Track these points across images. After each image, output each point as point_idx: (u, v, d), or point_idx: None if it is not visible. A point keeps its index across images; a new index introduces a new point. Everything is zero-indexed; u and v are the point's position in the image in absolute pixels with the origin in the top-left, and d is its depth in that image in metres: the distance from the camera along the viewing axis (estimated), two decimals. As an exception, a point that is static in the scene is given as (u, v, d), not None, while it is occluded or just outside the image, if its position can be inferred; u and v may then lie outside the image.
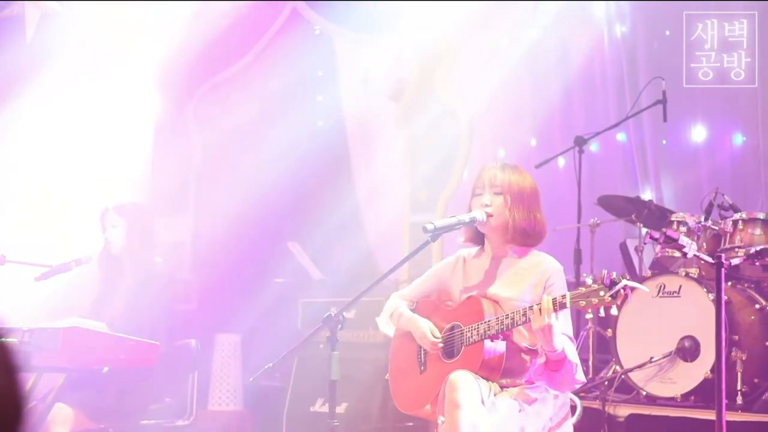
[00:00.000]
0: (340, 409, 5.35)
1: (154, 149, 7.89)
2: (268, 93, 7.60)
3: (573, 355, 3.00)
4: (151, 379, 4.12)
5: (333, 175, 7.62)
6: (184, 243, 7.53)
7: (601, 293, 2.77)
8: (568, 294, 2.86)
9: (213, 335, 6.41)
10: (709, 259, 3.13)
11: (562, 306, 2.86)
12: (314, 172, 7.67)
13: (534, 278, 3.13)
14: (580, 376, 3.05)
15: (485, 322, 3.04)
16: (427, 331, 3.21)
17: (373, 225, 7.16)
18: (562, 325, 2.97)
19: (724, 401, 3.25)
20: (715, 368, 3.31)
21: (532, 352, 3.11)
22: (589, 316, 5.08)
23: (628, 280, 2.73)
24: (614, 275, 2.77)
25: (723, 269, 3.11)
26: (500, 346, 3.06)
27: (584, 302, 2.81)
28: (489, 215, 3.14)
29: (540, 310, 2.86)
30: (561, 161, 6.40)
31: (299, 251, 6.58)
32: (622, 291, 2.72)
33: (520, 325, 2.99)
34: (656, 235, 2.82)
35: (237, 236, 7.70)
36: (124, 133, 7.69)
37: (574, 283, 5.00)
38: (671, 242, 2.92)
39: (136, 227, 4.30)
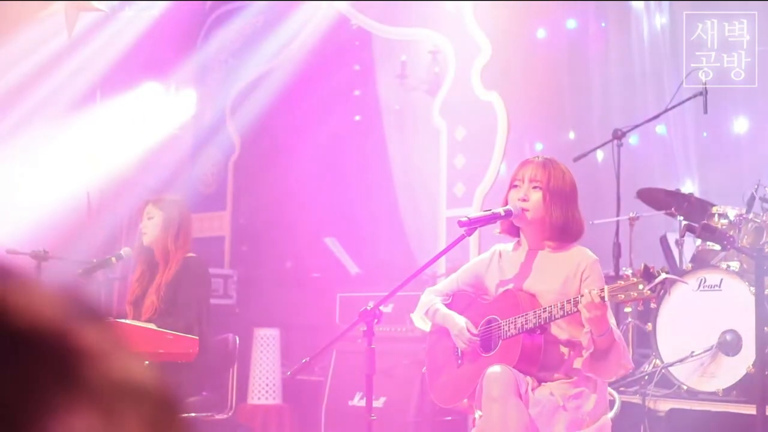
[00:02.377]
0: (378, 403, 5.36)
1: (194, 146, 7.97)
2: (306, 88, 7.63)
3: (619, 338, 2.98)
4: (190, 373, 4.15)
5: (370, 170, 7.63)
6: (223, 238, 7.59)
7: (640, 287, 2.74)
8: (606, 287, 2.84)
9: (251, 329, 6.45)
10: (750, 252, 3.09)
11: (601, 299, 2.83)
12: (352, 167, 7.69)
13: (569, 270, 3.11)
14: (628, 361, 3.03)
15: (523, 316, 3.03)
16: (463, 326, 3.20)
17: (411, 219, 7.16)
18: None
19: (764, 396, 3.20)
20: (757, 362, 3.26)
21: (571, 345, 3.09)
22: (628, 309, 5.03)
23: (668, 273, 2.70)
24: (654, 268, 2.74)
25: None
26: (538, 339, 3.05)
27: (623, 295, 2.79)
28: (525, 210, 3.12)
29: (592, 301, 2.81)
30: (600, 154, 6.34)
31: (336, 246, 6.60)
32: (660, 285, 2.69)
33: (557, 318, 2.97)
34: (693, 227, 2.78)
35: (275, 231, 7.75)
36: (164, 131, 7.77)
37: (614, 277, 4.96)
38: (708, 235, 2.88)
39: (171, 220, 4.31)
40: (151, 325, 3.98)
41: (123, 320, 3.85)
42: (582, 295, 2.86)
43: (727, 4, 5.31)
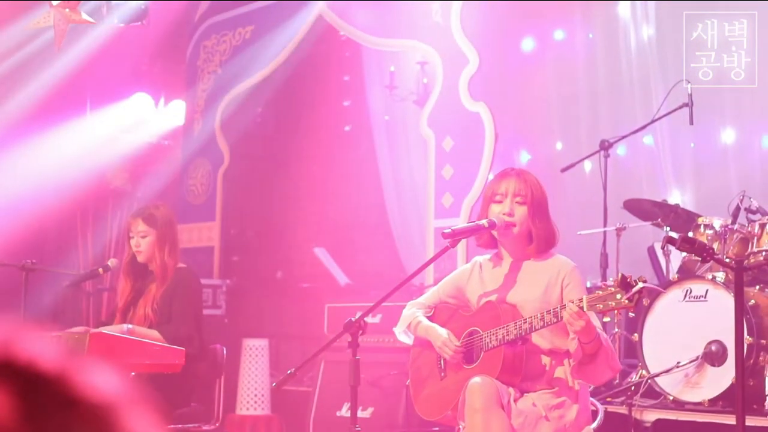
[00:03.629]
0: (366, 413, 5.36)
1: (183, 157, 7.97)
2: (295, 98, 7.64)
3: (606, 341, 3.00)
4: (177, 383, 4.16)
5: (360, 180, 7.65)
6: (212, 248, 7.60)
7: (618, 296, 2.76)
8: (585, 297, 2.85)
9: (240, 340, 6.45)
10: (728, 264, 3.10)
11: (580, 309, 2.85)
12: (341, 177, 7.70)
13: (550, 279, 3.13)
14: (617, 363, 3.06)
15: (503, 327, 3.05)
16: (446, 338, 3.21)
17: (400, 229, 7.17)
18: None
19: (743, 406, 3.22)
20: (736, 371, 3.28)
21: (553, 354, 3.10)
22: (607, 319, 5.04)
23: (646, 282, 2.71)
24: (631, 278, 2.75)
25: (743, 273, 3.07)
26: (519, 350, 3.06)
27: (601, 305, 2.80)
28: (512, 225, 3.14)
29: (575, 313, 2.83)
30: (587, 165, 6.37)
31: (326, 256, 6.61)
32: (638, 294, 2.71)
33: (538, 329, 2.98)
34: (673, 239, 2.79)
35: (264, 241, 7.76)
36: (153, 142, 7.77)
37: (600, 288, 4.96)
38: (688, 246, 2.90)
39: (165, 237, 4.34)
40: (154, 332, 4.07)
41: (108, 331, 3.86)
42: (563, 308, 2.87)
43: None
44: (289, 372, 3.30)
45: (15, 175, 6.73)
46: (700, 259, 2.82)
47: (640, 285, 2.70)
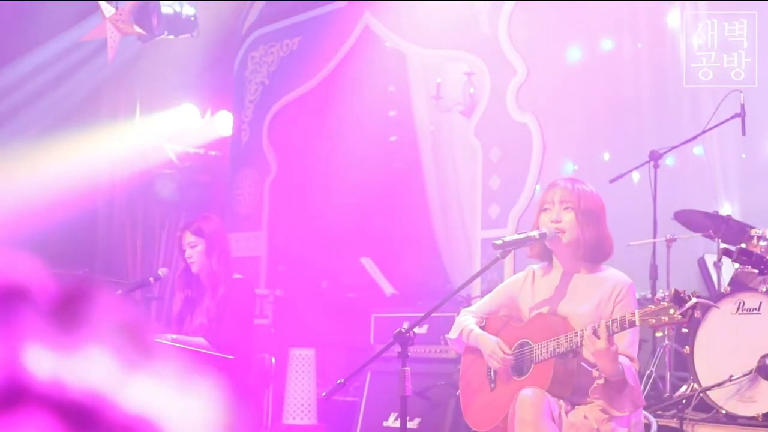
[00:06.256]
0: (413, 424, 5.35)
1: (231, 167, 8.06)
2: (341, 109, 7.68)
3: (633, 378, 2.95)
4: (226, 393, 4.19)
5: (405, 190, 7.65)
6: (259, 258, 7.65)
7: (671, 311, 2.72)
8: (637, 312, 2.82)
9: (287, 349, 6.48)
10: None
11: (632, 324, 2.82)
12: (387, 187, 7.71)
13: (604, 293, 3.10)
14: (640, 399, 3.01)
15: (555, 340, 3.02)
16: (497, 347, 3.19)
17: (445, 240, 7.16)
18: (626, 343, 2.94)
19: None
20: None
21: (603, 370, 3.07)
22: (659, 334, 4.99)
23: (699, 297, 2.68)
24: (684, 292, 2.72)
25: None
26: (570, 363, 3.04)
27: (654, 320, 2.77)
28: (560, 231, 3.12)
29: (594, 333, 2.82)
30: (636, 175, 6.30)
31: (372, 266, 6.62)
32: (692, 309, 2.67)
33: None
34: (730, 251, 2.75)
35: (310, 251, 7.80)
36: (200, 151, 7.86)
37: (650, 299, 4.91)
38: (745, 259, 2.86)
39: (214, 246, 4.40)
40: (200, 339, 4.15)
41: (161, 338, 3.91)
42: (614, 321, 2.84)
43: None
44: (338, 382, 3.30)
45: (65, 184, 6.85)
46: (757, 271, 2.77)
47: (694, 300, 2.67)
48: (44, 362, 0.49)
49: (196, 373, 0.57)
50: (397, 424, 5.30)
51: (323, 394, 3.60)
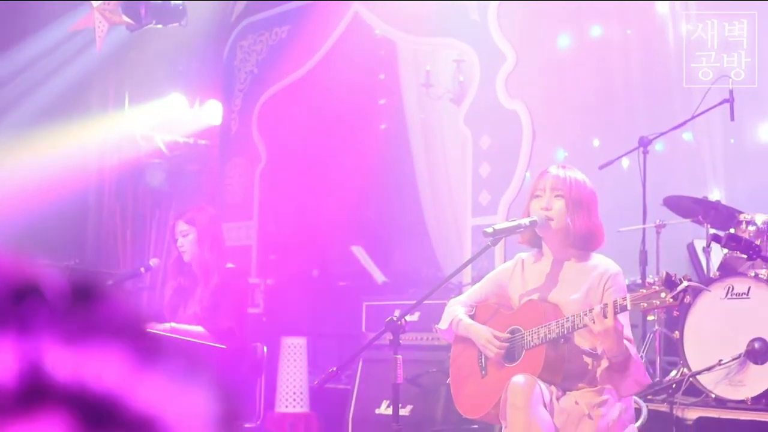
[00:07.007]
0: (405, 411, 5.37)
1: (220, 156, 8.04)
2: (331, 98, 7.67)
3: (636, 357, 2.98)
4: (223, 383, 4.20)
5: (395, 178, 7.66)
6: (250, 247, 7.65)
7: (663, 294, 2.74)
8: (628, 296, 2.84)
9: (279, 338, 6.49)
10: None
11: (623, 308, 2.84)
12: (377, 176, 7.72)
13: (593, 280, 3.12)
14: (645, 378, 3.03)
15: (546, 326, 3.04)
16: (490, 335, 3.21)
17: (436, 228, 7.18)
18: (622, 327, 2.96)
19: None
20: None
21: (594, 354, 3.09)
22: (651, 318, 5.02)
23: (690, 281, 2.70)
24: (675, 276, 2.74)
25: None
26: (561, 349, 3.05)
27: (645, 304, 2.79)
28: (549, 219, 3.13)
29: (602, 312, 2.84)
30: (625, 162, 6.32)
31: (363, 254, 6.63)
32: (683, 293, 2.69)
33: (580, 328, 2.97)
34: (719, 237, 2.77)
35: (301, 240, 7.80)
36: (190, 140, 7.84)
37: (640, 285, 4.94)
38: (734, 244, 2.88)
39: (206, 235, 4.41)
40: (199, 328, 4.16)
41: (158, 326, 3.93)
42: (605, 306, 2.87)
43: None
44: (331, 370, 3.31)
45: (54, 175, 6.82)
46: (745, 256, 2.79)
47: (685, 283, 2.69)
48: (61, 360, 0.49)
49: (198, 365, 0.57)
50: (390, 411, 5.32)
51: (316, 382, 3.61)
